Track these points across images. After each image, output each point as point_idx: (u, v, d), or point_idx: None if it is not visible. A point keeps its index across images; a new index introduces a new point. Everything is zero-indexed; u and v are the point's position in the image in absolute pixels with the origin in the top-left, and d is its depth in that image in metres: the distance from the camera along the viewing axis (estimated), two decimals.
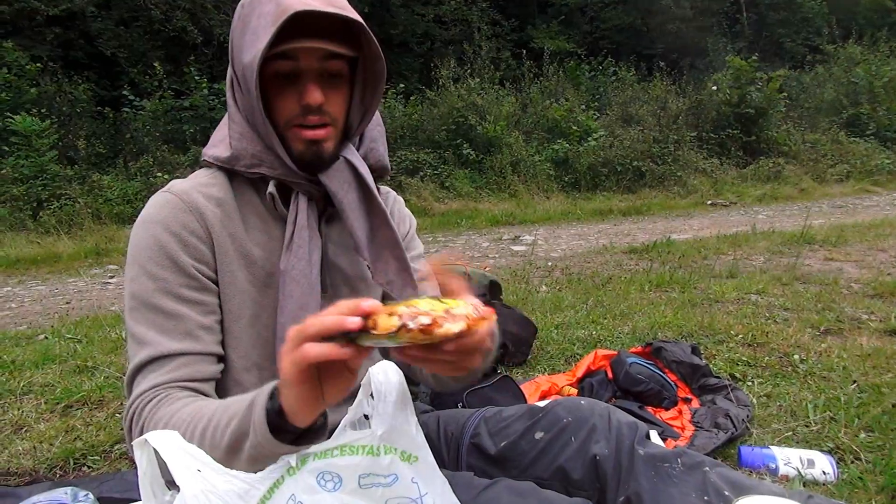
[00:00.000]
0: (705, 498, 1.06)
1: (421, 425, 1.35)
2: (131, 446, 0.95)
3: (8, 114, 8.85)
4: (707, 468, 1.11)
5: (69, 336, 3.40)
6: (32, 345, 3.28)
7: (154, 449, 0.82)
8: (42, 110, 9.19)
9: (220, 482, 0.83)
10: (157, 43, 12.09)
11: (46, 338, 3.42)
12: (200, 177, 1.16)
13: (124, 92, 10.48)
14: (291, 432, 0.83)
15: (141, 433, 0.93)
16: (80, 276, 5.77)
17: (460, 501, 0.99)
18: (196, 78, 10.27)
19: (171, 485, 0.85)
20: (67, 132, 9.59)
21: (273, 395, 0.82)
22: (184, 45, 11.82)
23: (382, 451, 0.91)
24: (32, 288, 5.44)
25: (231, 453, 0.86)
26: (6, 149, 8.63)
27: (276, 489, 0.86)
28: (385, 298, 1.32)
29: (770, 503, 1.00)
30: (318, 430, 0.88)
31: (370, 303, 0.73)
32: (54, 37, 11.52)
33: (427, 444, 0.98)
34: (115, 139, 10.33)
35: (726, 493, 1.05)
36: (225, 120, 1.16)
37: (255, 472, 0.85)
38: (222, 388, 1.10)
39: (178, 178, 1.20)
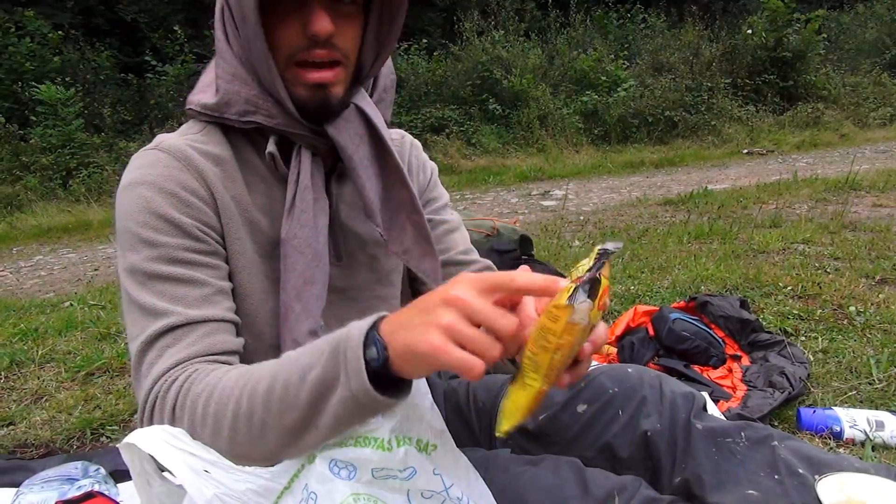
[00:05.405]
0: (776, 477, 0.92)
1: (450, 393, 1.24)
2: None
3: (33, 83, 8.86)
4: (776, 442, 0.97)
5: (93, 303, 3.36)
6: (57, 312, 3.25)
7: (146, 453, 0.70)
8: (66, 79, 9.20)
9: (233, 482, 0.72)
10: (177, 6, 12.00)
11: (71, 304, 3.38)
12: (191, 132, 0.97)
13: (146, 58, 10.41)
14: (392, 385, 0.69)
15: (172, 422, 0.79)
16: (109, 243, 5.76)
17: (500, 483, 0.88)
18: None
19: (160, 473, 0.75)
20: (92, 100, 9.57)
21: (373, 339, 0.69)
22: (203, 7, 11.65)
23: (395, 443, 0.78)
24: (63, 256, 5.45)
25: (311, 414, 0.71)
26: (33, 118, 8.68)
27: (294, 481, 0.74)
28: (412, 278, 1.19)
29: (858, 481, 0.86)
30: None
31: None
32: (74, 3, 11.46)
33: (446, 428, 0.84)
34: (140, 105, 10.28)
35: (801, 470, 0.92)
36: (213, 62, 0.98)
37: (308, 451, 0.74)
38: None
39: None
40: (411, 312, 0.67)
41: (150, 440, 0.70)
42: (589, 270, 0.62)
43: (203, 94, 0.98)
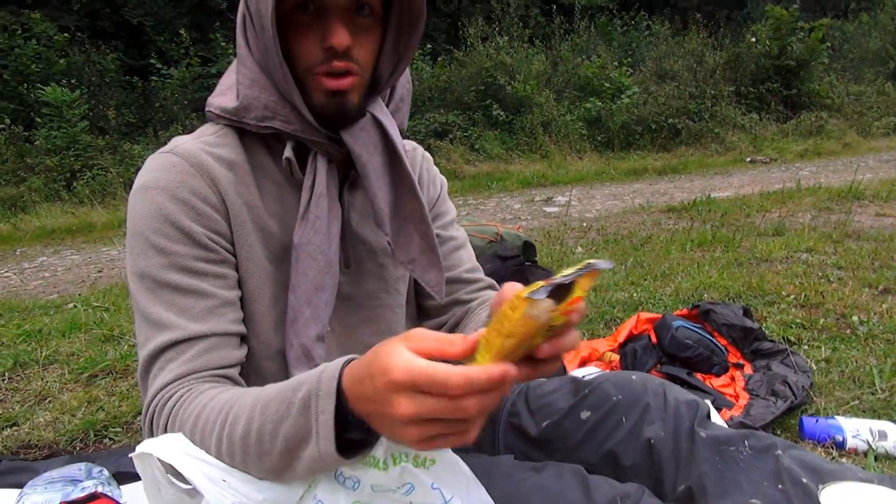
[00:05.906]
0: (780, 486, 0.92)
1: None
2: None
3: (38, 85, 8.89)
4: (779, 451, 0.97)
5: (97, 304, 3.36)
6: (61, 313, 3.25)
7: (157, 460, 0.71)
8: (72, 81, 9.24)
9: (251, 491, 0.73)
10: (183, 10, 12.03)
11: (75, 306, 3.39)
12: (206, 134, 0.99)
13: (151, 60, 10.45)
14: (360, 444, 0.72)
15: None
16: (113, 245, 5.77)
17: (502, 489, 0.88)
18: (223, 44, 10.21)
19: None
20: (97, 102, 9.62)
21: (342, 402, 0.69)
22: (209, 11, 11.73)
23: (391, 462, 0.78)
24: (67, 257, 5.45)
25: (286, 463, 0.74)
26: (38, 120, 8.70)
27: (307, 494, 0.75)
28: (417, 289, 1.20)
29: (861, 491, 0.86)
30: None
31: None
32: (80, 6, 11.50)
33: None
34: (145, 108, 10.34)
35: (804, 480, 0.91)
36: (234, 65, 0.99)
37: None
38: (242, 377, 0.96)
39: None
40: (367, 406, 0.66)
41: (168, 449, 0.71)
42: (565, 276, 0.65)
43: (223, 97, 0.99)
